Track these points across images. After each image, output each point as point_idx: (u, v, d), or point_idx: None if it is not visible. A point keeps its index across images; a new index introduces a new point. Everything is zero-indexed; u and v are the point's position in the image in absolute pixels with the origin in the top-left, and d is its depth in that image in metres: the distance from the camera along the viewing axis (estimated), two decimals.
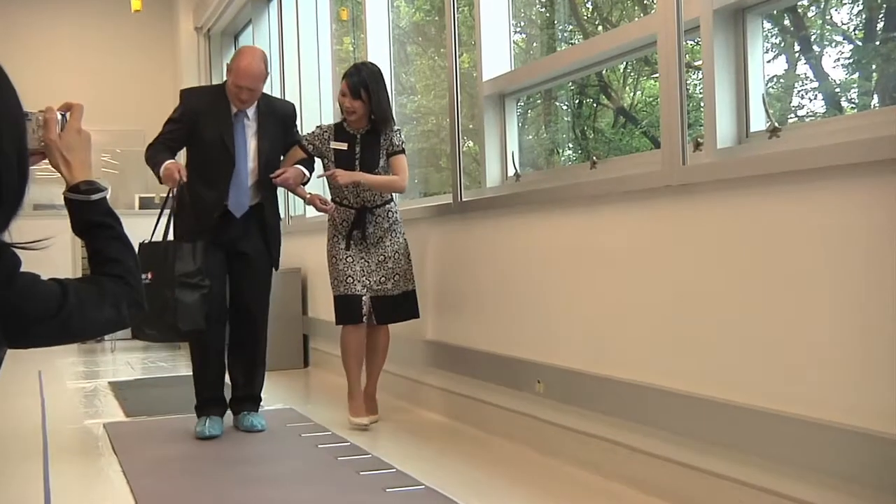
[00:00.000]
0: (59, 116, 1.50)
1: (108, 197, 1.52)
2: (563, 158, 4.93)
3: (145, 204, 8.49)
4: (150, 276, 3.57)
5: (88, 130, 1.53)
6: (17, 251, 1.32)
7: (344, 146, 3.90)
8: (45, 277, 1.38)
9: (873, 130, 2.14)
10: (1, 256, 1.29)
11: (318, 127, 4.10)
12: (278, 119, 3.99)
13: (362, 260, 3.92)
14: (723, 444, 2.50)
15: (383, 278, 3.93)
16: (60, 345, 1.44)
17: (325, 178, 3.92)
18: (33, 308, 1.33)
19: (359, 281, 3.89)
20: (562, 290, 3.26)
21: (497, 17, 4.00)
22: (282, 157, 4.04)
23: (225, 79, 3.96)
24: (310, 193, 4.00)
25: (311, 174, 4.01)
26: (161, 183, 3.80)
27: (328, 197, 4.04)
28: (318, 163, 4.09)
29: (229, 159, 3.83)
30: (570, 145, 5.03)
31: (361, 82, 3.84)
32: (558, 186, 3.32)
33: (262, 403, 4.10)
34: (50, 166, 1.51)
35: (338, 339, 5.58)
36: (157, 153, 3.81)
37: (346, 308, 3.90)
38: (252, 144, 3.89)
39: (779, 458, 2.32)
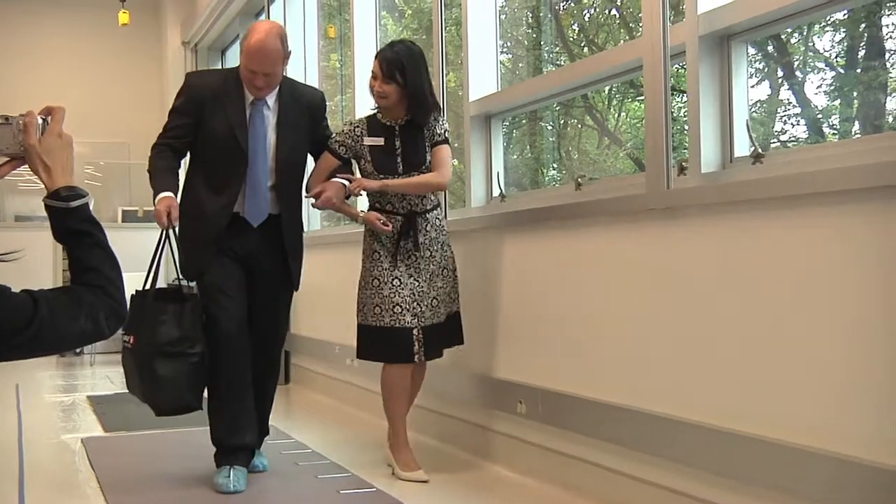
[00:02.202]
0: (40, 120, 1.47)
1: (90, 205, 1.49)
2: (547, 179, 4.95)
3: (128, 217, 8.47)
4: (132, 340, 3.09)
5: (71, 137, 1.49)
6: None
7: (381, 141, 3.30)
8: (19, 289, 1.35)
9: (854, 158, 2.17)
10: None
11: (347, 124, 3.43)
12: (304, 109, 3.31)
13: (412, 280, 3.27)
14: (715, 472, 2.50)
15: (435, 301, 3.31)
16: (35, 357, 1.39)
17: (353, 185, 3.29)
18: (1, 321, 1.29)
19: (408, 310, 3.23)
20: (548, 312, 3.26)
21: (484, 36, 4.02)
22: (309, 159, 3.42)
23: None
24: (362, 211, 3.36)
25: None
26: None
27: (351, 205, 3.49)
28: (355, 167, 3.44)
29: (241, 157, 3.18)
30: (555, 165, 5.06)
31: (396, 62, 3.20)
32: (544, 208, 3.34)
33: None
34: (32, 174, 1.48)
35: (321, 357, 5.53)
36: (157, 167, 3.22)
37: (391, 343, 3.24)
38: (271, 139, 3.24)
39: (763, 483, 2.32)
